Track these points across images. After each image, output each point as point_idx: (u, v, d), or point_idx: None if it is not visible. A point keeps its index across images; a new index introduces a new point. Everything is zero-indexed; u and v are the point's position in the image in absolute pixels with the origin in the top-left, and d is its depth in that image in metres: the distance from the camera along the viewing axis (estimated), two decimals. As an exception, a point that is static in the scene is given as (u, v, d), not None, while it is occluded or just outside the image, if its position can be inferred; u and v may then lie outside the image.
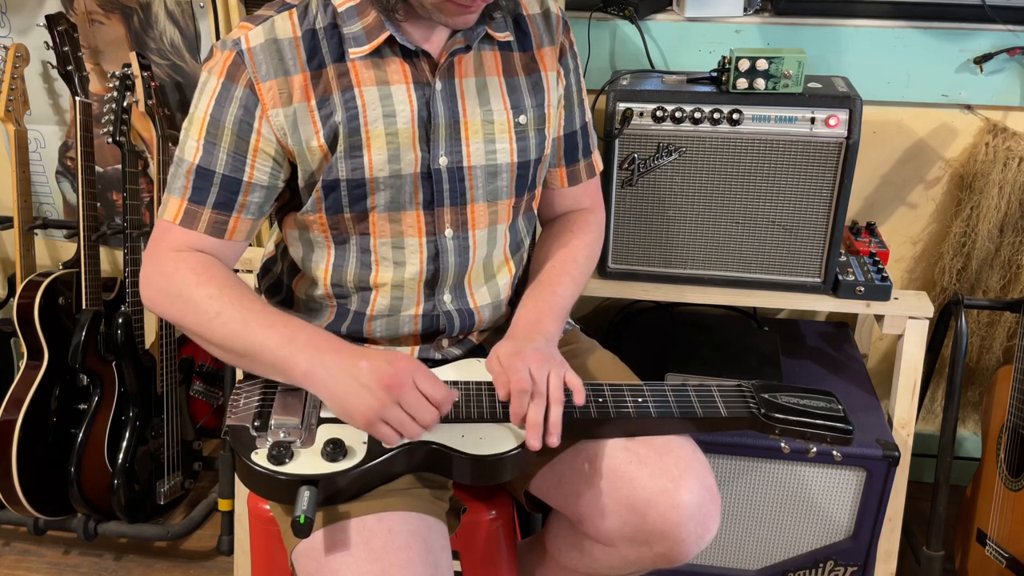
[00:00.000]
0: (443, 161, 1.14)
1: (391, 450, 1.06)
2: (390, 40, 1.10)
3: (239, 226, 1.13)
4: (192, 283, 1.08)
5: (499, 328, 1.30)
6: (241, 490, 1.80)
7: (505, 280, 1.27)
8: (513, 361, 1.07)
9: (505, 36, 1.18)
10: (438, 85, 1.13)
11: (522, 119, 1.18)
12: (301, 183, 1.14)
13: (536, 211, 1.33)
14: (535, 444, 1.05)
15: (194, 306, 1.07)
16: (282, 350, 1.04)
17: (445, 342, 1.25)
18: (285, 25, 1.10)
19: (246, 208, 1.13)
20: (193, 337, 1.11)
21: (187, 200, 1.11)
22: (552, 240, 1.31)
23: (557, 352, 1.13)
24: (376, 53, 1.10)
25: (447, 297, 1.22)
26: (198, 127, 1.10)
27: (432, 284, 1.21)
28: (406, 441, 1.06)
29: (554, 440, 1.05)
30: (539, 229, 1.38)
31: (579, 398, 1.09)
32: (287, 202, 1.21)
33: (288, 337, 1.04)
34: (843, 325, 1.94)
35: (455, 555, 1.26)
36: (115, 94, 1.86)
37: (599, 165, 1.37)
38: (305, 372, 1.03)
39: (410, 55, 1.12)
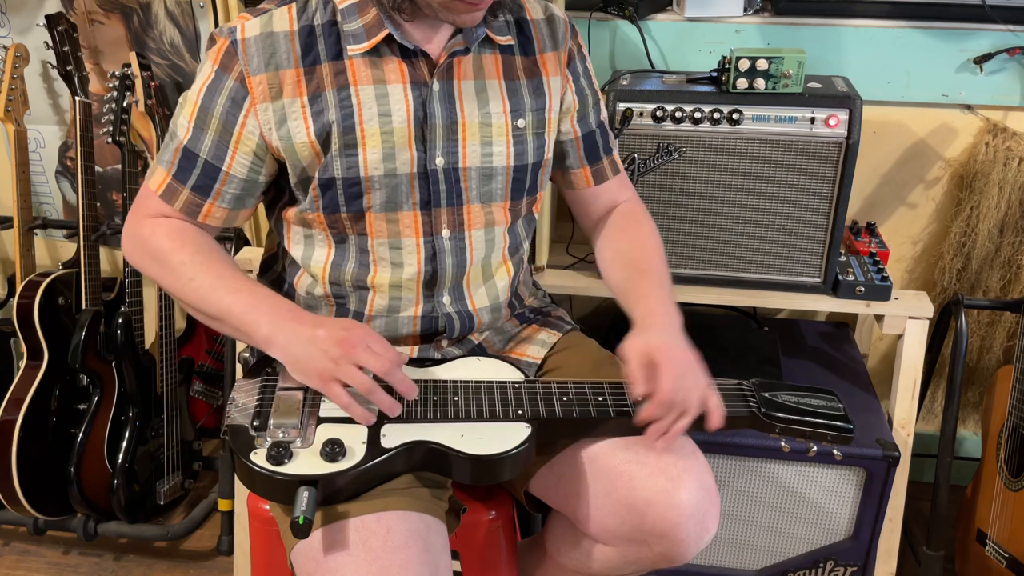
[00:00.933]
0: (440, 162, 1.14)
1: (390, 450, 1.06)
2: (389, 39, 1.10)
3: (213, 212, 1.17)
4: (166, 249, 1.14)
5: (499, 328, 1.31)
6: (241, 490, 1.80)
7: (504, 282, 1.27)
8: (684, 378, 1.10)
9: (506, 40, 1.18)
10: (435, 86, 1.13)
11: (520, 123, 1.18)
12: (293, 179, 1.15)
13: (536, 215, 1.32)
14: (646, 425, 1.10)
15: (169, 271, 1.14)
16: (246, 316, 1.09)
17: (444, 342, 1.25)
18: (283, 19, 1.10)
19: (221, 197, 1.16)
20: (171, 295, 1.18)
21: (171, 176, 1.16)
22: (620, 234, 1.31)
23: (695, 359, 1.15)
24: (374, 52, 1.11)
25: (446, 299, 1.22)
26: (191, 107, 1.14)
27: (431, 285, 1.21)
28: (359, 426, 1.08)
29: (661, 445, 1.10)
30: (544, 231, 1.38)
31: (714, 421, 1.11)
32: (287, 199, 1.21)
33: (252, 304, 1.10)
34: (843, 325, 1.94)
35: (455, 555, 1.26)
36: (115, 94, 1.86)
37: (619, 164, 1.36)
38: (266, 337, 1.08)
39: (408, 55, 1.12)
